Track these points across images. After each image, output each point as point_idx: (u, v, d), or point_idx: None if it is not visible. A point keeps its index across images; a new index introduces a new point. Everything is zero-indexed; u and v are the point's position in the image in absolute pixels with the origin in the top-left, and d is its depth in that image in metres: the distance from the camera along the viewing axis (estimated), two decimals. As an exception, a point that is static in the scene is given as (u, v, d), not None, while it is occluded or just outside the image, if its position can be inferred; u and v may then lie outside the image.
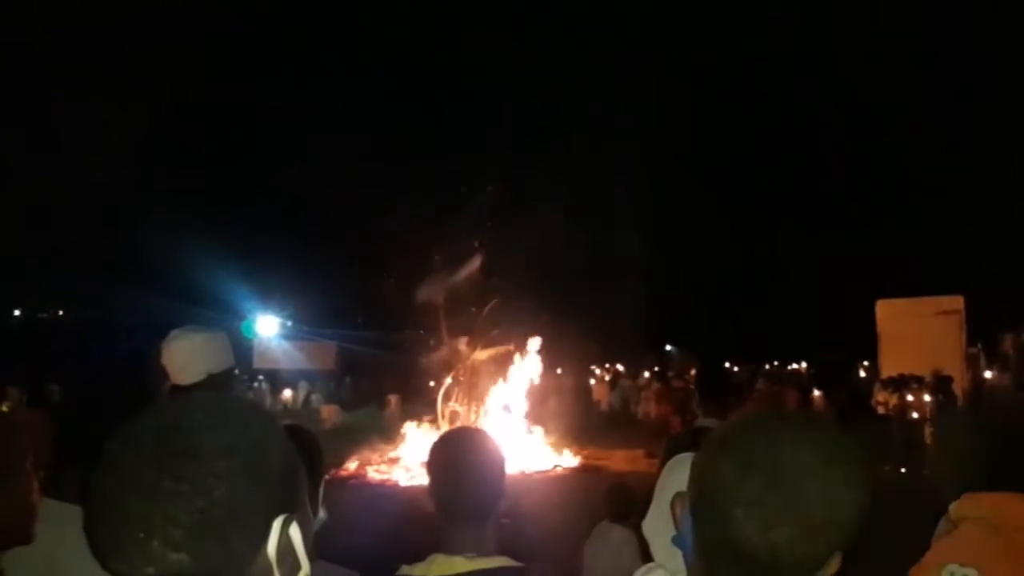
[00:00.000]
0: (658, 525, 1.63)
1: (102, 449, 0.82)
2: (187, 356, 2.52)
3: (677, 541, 1.31)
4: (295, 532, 0.83)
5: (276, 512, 0.83)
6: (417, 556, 1.75)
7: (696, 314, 40.20)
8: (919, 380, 14.52)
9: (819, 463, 0.95)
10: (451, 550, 1.71)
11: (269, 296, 26.58)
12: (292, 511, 0.85)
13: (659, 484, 1.70)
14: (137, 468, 0.78)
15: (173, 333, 2.55)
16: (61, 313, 36.59)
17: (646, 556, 1.66)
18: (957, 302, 17.48)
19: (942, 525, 1.76)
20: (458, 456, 1.79)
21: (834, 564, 0.98)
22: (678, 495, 1.20)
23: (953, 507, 1.66)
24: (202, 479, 0.78)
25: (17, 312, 35.16)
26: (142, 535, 0.76)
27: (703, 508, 1.02)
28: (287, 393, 25.59)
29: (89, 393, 2.02)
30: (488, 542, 1.75)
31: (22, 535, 1.40)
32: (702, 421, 4.32)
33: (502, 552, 1.75)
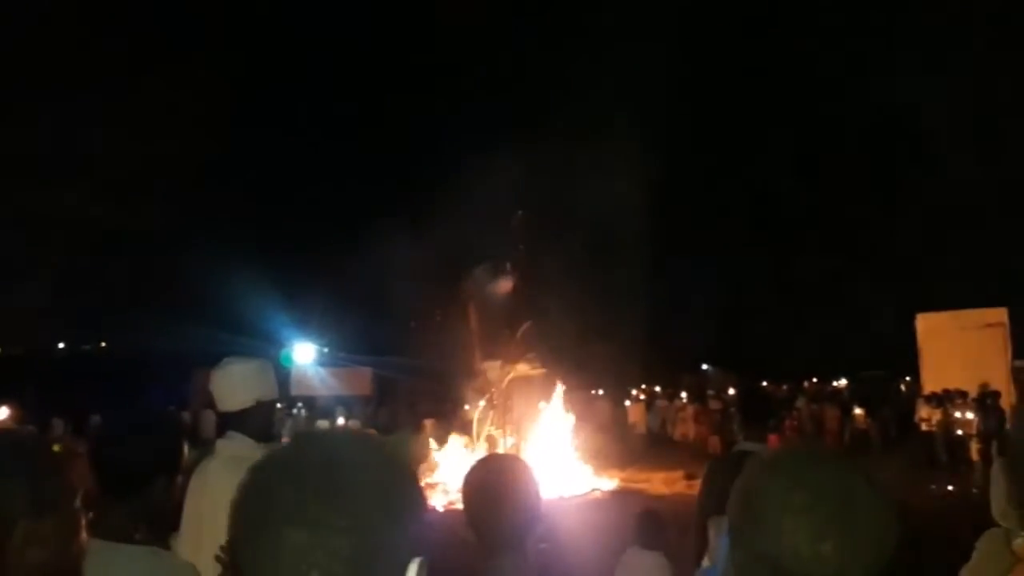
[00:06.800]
0: None
1: (132, 481, 0.79)
2: (238, 383, 2.60)
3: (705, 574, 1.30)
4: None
5: (413, 554, 0.85)
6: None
7: (733, 332, 39.79)
8: (963, 395, 14.17)
9: (866, 485, 0.99)
10: None
11: (306, 324, 26.86)
12: (421, 554, 0.86)
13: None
14: (299, 502, 0.80)
15: (224, 361, 2.64)
16: (104, 345, 37.30)
17: None
18: (1001, 314, 16.99)
19: (1004, 557, 1.67)
20: (493, 482, 1.78)
21: None
22: (713, 520, 1.18)
23: (1019, 543, 1.60)
24: (362, 516, 0.81)
25: (62, 345, 35.96)
26: (303, 567, 0.78)
27: (747, 524, 1.02)
28: (324, 420, 25.70)
29: (123, 425, 2.03)
30: (530, 568, 1.73)
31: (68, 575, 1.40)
32: (743, 444, 4.32)
33: None
